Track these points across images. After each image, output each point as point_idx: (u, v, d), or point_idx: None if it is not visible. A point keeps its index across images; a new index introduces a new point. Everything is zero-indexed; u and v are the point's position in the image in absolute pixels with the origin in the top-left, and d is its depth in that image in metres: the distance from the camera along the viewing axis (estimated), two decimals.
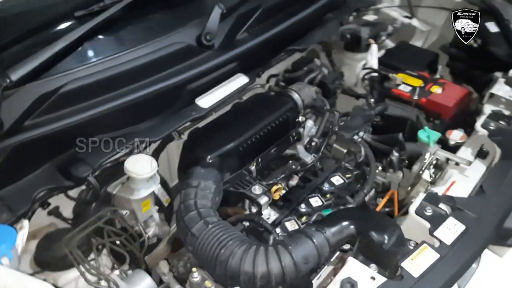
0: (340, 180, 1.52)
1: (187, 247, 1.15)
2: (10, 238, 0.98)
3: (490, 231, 1.12)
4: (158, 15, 1.54)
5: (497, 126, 1.40)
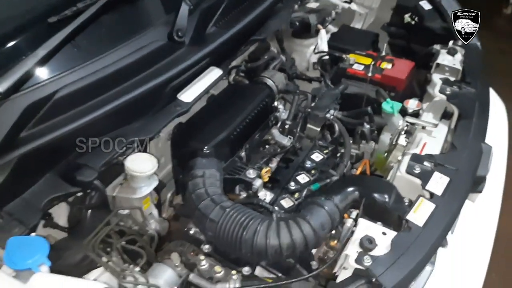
0: (319, 156, 1.64)
1: (206, 233, 1.21)
2: (43, 247, 0.97)
3: (469, 180, 1.29)
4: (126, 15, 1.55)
5: (452, 90, 1.59)
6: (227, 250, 1.22)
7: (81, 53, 1.34)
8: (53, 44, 1.24)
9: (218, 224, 1.17)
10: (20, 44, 1.30)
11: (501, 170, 1.60)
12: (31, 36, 1.31)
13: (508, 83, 3.63)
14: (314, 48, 2.23)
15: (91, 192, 1.31)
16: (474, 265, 1.32)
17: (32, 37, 1.31)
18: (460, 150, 1.36)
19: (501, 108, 1.87)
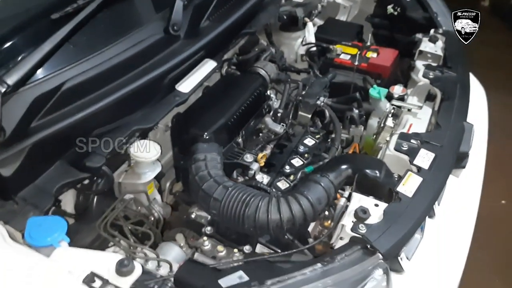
0: (312, 141, 1.72)
1: (210, 211, 1.28)
2: (62, 225, 1.04)
3: (452, 155, 1.38)
4: (124, 12, 1.62)
5: (435, 75, 1.68)
6: (231, 227, 1.30)
7: (84, 47, 1.41)
8: (57, 39, 1.30)
9: (222, 203, 1.25)
10: (26, 39, 1.36)
11: (482, 147, 1.70)
12: (36, 32, 1.38)
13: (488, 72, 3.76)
14: (302, 41, 2.32)
15: (98, 180, 1.37)
16: (459, 235, 1.41)
17: (37, 32, 1.38)
18: (444, 128, 1.46)
19: (481, 91, 1.98)
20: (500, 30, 4.93)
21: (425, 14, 2.10)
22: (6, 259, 0.94)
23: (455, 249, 1.38)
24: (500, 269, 2.63)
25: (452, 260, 1.34)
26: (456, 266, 1.34)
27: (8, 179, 1.15)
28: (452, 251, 1.36)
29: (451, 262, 1.33)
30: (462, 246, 1.39)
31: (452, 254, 1.36)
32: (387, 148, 1.41)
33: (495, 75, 4.09)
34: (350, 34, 2.30)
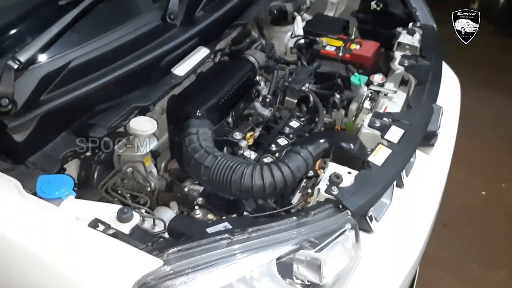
0: (297, 124, 1.86)
1: (201, 178, 1.43)
2: (69, 182, 1.18)
3: (421, 132, 1.53)
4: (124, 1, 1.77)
5: (410, 63, 1.84)
6: (219, 191, 1.44)
7: (88, 31, 1.55)
8: (64, 23, 1.44)
9: (211, 170, 1.39)
10: (36, 22, 1.50)
11: (453, 129, 1.85)
12: (45, 16, 1.52)
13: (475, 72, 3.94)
14: (291, 34, 2.46)
15: (99, 151, 1.51)
16: (425, 206, 1.56)
17: (46, 17, 1.51)
18: (415, 109, 1.61)
19: (455, 80, 2.13)
20: (488, 32, 5.08)
21: (405, 9, 2.25)
22: (22, 208, 1.08)
23: (421, 217, 1.52)
24: (478, 256, 2.78)
25: (417, 227, 1.48)
26: (420, 232, 1.48)
27: (20, 144, 1.29)
28: (417, 219, 1.51)
29: (416, 229, 1.47)
30: (427, 215, 1.54)
31: (417, 222, 1.50)
32: (363, 126, 1.56)
33: (481, 74, 4.27)
34: (336, 28, 2.44)
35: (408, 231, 1.43)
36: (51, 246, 1.02)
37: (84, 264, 1.00)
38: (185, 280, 1.00)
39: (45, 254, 1.02)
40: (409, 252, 1.40)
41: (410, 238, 1.43)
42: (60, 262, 1.00)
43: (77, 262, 1.00)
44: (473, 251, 2.81)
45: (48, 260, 1.01)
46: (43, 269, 1.02)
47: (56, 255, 1.01)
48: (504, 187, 3.28)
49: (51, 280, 1.01)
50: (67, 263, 1.00)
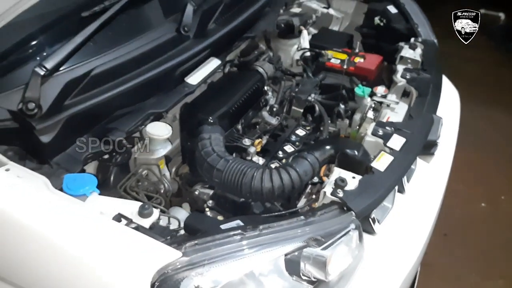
0: (303, 132, 1.95)
1: (213, 181, 1.51)
2: (92, 180, 1.26)
3: (421, 141, 1.62)
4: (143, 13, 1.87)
5: (411, 75, 1.93)
6: (230, 192, 1.52)
7: (108, 42, 1.65)
8: (87, 33, 1.54)
9: (223, 173, 1.47)
10: (60, 32, 1.60)
11: (452, 140, 1.93)
12: (69, 27, 1.62)
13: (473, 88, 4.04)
14: (297, 47, 2.56)
15: (117, 154, 1.60)
16: (425, 210, 1.63)
17: (69, 27, 1.62)
18: (416, 119, 1.70)
19: (454, 93, 2.22)
20: (487, 48, 5.19)
21: (407, 25, 2.35)
22: (50, 202, 1.16)
23: (421, 222, 1.60)
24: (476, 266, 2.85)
25: (417, 231, 1.55)
26: (420, 236, 1.55)
27: (46, 145, 1.37)
28: (418, 223, 1.58)
29: (417, 232, 1.55)
30: (427, 220, 1.61)
31: (417, 226, 1.58)
32: (366, 135, 1.64)
33: (481, 89, 4.36)
34: (341, 42, 2.55)
35: (408, 234, 1.51)
36: (78, 238, 1.10)
37: (109, 254, 1.08)
38: (200, 271, 1.08)
39: (71, 245, 1.10)
40: (409, 254, 1.48)
41: (410, 241, 1.50)
42: (86, 253, 1.09)
43: (102, 253, 1.08)
44: (472, 260, 2.87)
45: (74, 251, 1.09)
46: (70, 260, 1.10)
47: (82, 247, 1.09)
48: (503, 199, 3.35)
49: (77, 270, 1.09)
50: (92, 254, 1.08)
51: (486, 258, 2.90)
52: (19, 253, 1.15)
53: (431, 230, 1.61)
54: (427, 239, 1.58)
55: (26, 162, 1.39)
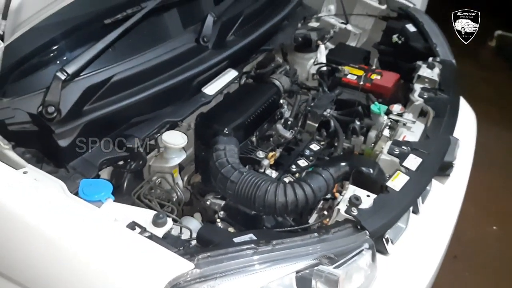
0: (317, 147, 1.95)
1: (226, 192, 1.51)
2: (108, 186, 1.27)
3: (438, 162, 1.60)
4: (164, 22, 1.89)
5: (429, 95, 1.92)
6: (244, 205, 1.52)
7: (129, 49, 1.67)
8: (109, 40, 1.55)
9: (237, 185, 1.47)
10: (83, 38, 1.62)
11: (468, 161, 1.92)
12: (91, 33, 1.64)
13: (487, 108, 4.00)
14: (314, 61, 2.57)
15: (132, 162, 1.61)
16: (439, 233, 1.62)
17: (92, 33, 1.64)
18: (432, 139, 1.68)
19: (471, 114, 2.21)
20: (503, 70, 5.17)
21: (425, 44, 2.35)
22: (66, 207, 1.17)
23: (434, 243, 1.58)
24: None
25: (430, 253, 1.53)
26: (433, 258, 1.53)
27: (64, 149, 1.38)
28: (431, 245, 1.56)
29: (429, 254, 1.53)
30: (440, 242, 1.59)
31: (431, 248, 1.56)
32: (382, 153, 1.63)
33: (496, 110, 4.33)
34: (358, 58, 2.55)
35: (421, 256, 1.49)
36: (91, 244, 1.10)
37: (121, 262, 1.08)
38: (212, 284, 1.07)
39: (85, 251, 1.10)
40: (422, 276, 1.46)
41: (423, 263, 1.49)
42: (99, 260, 1.09)
43: (114, 261, 1.08)
44: (481, 284, 2.83)
45: (87, 258, 1.10)
46: (83, 266, 1.10)
47: (95, 253, 1.09)
48: None
49: (90, 276, 1.09)
50: (105, 261, 1.08)
51: (496, 282, 2.86)
52: (33, 257, 1.15)
53: (444, 252, 1.59)
54: (440, 261, 1.56)
55: (43, 165, 1.40)
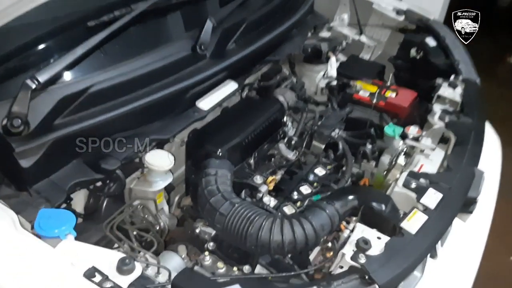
0: (322, 171, 1.74)
1: (214, 226, 1.31)
2: (70, 219, 1.07)
3: (460, 198, 1.39)
4: (156, 27, 1.69)
5: (450, 119, 1.71)
6: (233, 242, 1.31)
7: (114, 56, 1.48)
8: (90, 45, 1.36)
9: (227, 218, 1.27)
10: (61, 42, 1.44)
11: (492, 196, 1.70)
12: (71, 36, 1.45)
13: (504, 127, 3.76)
14: (324, 74, 2.36)
15: (110, 183, 1.41)
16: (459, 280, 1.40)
17: (72, 37, 1.45)
18: (454, 171, 1.47)
19: (496, 142, 1.99)
20: None
21: (447, 60, 2.13)
22: (14, 245, 0.97)
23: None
24: None
25: None
26: None
27: (26, 170, 1.20)
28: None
29: None
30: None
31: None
32: (396, 185, 1.43)
33: None
34: (371, 72, 2.34)
35: None
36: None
37: None
38: None
39: None
40: None
41: None
42: None
43: None
44: None
45: None
46: None
47: None
48: None
49: None
50: None
51: None
52: None
53: None
54: None
55: (2, 187, 1.21)
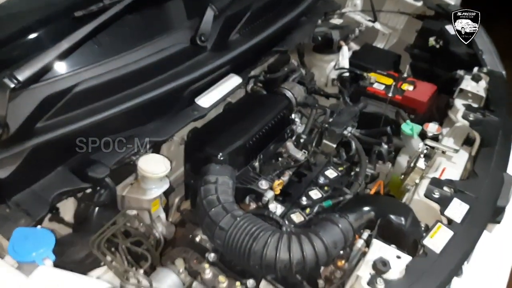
0: (334, 173, 1.59)
1: (214, 241, 1.18)
2: (49, 241, 0.95)
3: (489, 209, 1.25)
4: (151, 17, 1.54)
5: (475, 117, 1.55)
6: (235, 260, 1.19)
7: (103, 50, 1.34)
8: (76, 38, 1.23)
9: (228, 233, 1.14)
10: (44, 35, 1.29)
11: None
12: (55, 29, 1.31)
13: None
14: (335, 65, 2.21)
15: (101, 190, 1.28)
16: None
17: (56, 30, 1.31)
18: (481, 178, 1.32)
19: None
20: None
21: (469, 50, 1.97)
22: None
23: None
24: None
25: None
26: None
27: (3, 181, 1.07)
28: None
29: None
30: None
31: None
32: (416, 193, 1.28)
33: None
34: (386, 62, 2.20)
35: None
36: None
37: None
38: None
39: None
40: None
41: None
42: None
43: None
44: None
45: None
46: None
47: None
48: None
49: None
50: None
51: None
52: None
53: None
54: None
55: None
